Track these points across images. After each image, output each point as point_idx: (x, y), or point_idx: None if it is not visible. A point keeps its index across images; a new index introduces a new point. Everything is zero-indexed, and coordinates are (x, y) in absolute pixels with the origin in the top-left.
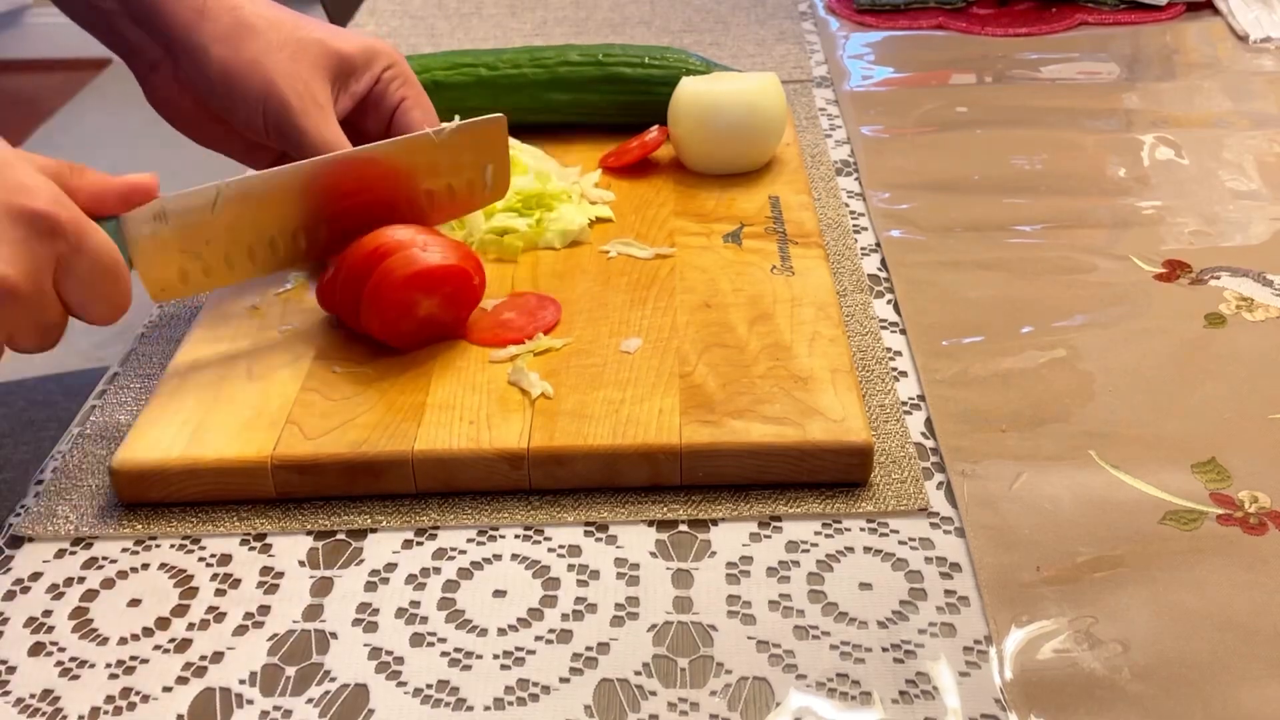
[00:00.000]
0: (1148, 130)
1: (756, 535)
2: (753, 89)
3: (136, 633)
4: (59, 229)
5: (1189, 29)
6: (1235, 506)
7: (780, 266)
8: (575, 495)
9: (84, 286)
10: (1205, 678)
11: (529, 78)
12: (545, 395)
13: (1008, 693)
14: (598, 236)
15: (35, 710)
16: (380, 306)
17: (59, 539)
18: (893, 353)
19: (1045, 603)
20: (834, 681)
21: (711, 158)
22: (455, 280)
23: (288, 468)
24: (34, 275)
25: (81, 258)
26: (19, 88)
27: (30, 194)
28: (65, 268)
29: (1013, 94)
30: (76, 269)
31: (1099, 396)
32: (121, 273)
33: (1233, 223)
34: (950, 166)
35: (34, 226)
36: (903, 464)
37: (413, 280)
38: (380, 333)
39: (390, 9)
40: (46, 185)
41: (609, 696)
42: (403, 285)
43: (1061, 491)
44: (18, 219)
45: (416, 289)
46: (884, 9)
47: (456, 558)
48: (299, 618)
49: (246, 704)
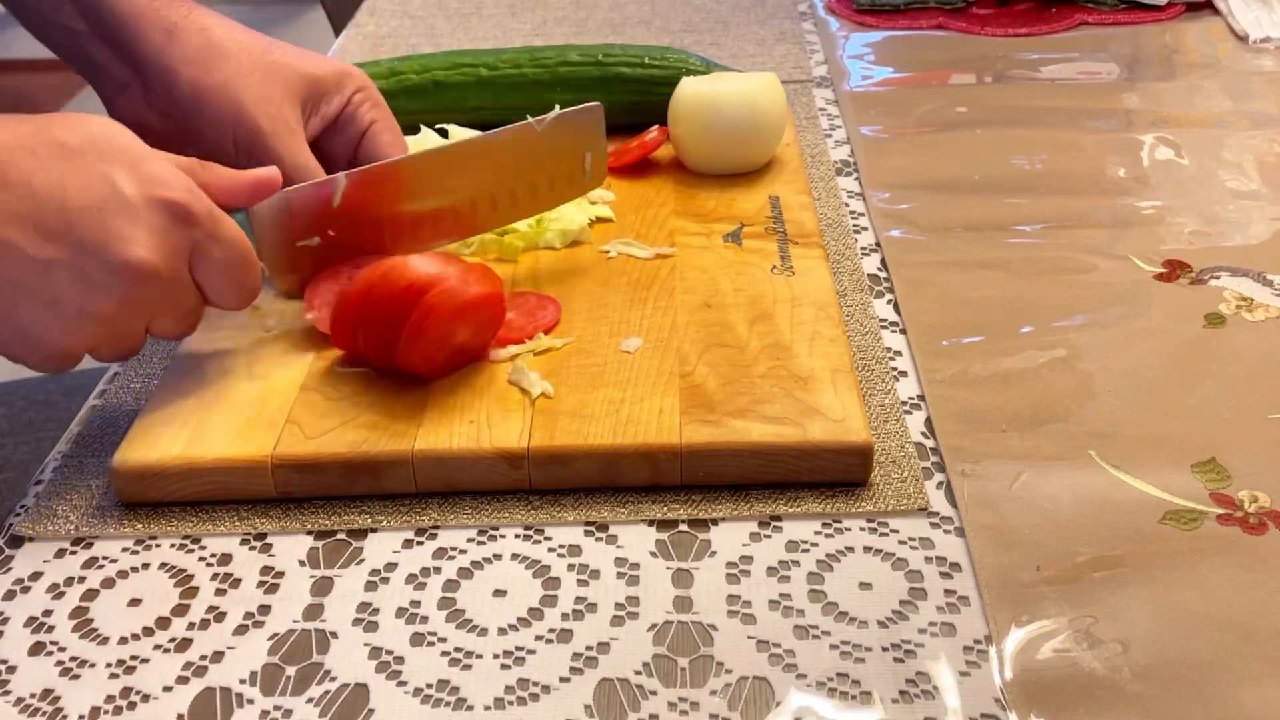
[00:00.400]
0: (1148, 130)
1: (756, 535)
2: (753, 89)
3: (137, 632)
4: (194, 218)
5: (1189, 29)
6: (1235, 506)
7: (780, 266)
8: (575, 495)
9: (218, 273)
10: (1205, 678)
11: (529, 78)
12: (545, 395)
13: (1008, 692)
14: (598, 236)
15: (35, 710)
16: (424, 342)
17: (59, 539)
18: (893, 353)
19: (1045, 602)
20: (834, 681)
21: (711, 158)
22: (491, 307)
23: (288, 467)
24: (172, 260)
25: (216, 245)
26: (19, 88)
27: (167, 185)
28: (201, 255)
29: (1013, 94)
30: (211, 256)
31: (1099, 396)
32: (253, 260)
33: (1233, 223)
34: (950, 166)
35: (172, 214)
36: (903, 464)
37: (460, 313)
38: (421, 367)
39: (390, 9)
40: (181, 177)
41: (609, 696)
42: (450, 318)
43: (1061, 491)
44: (157, 207)
45: (461, 320)
46: (884, 9)
47: (456, 557)
48: (299, 617)
49: (247, 704)
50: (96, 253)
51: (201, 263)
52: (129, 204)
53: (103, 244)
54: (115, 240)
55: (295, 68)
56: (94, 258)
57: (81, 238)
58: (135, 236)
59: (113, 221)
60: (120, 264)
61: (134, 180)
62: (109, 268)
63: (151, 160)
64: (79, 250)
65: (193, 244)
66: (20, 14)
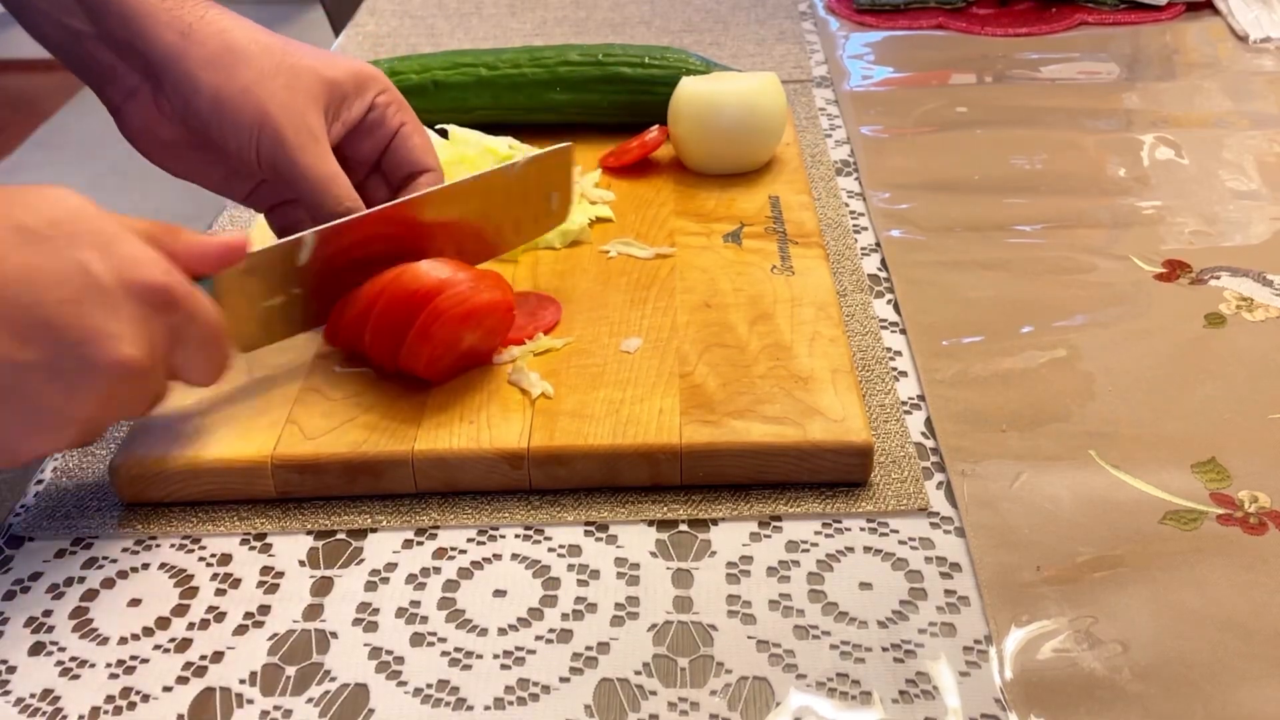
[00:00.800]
0: (1148, 130)
1: (756, 535)
2: (753, 89)
3: (136, 632)
4: (175, 302)
5: (1189, 29)
6: (1235, 506)
7: (780, 266)
8: (575, 495)
9: (193, 353)
10: (1205, 678)
11: (529, 77)
12: (545, 395)
13: (1008, 692)
14: (598, 236)
15: (35, 710)
16: (430, 345)
17: (59, 539)
18: (893, 353)
19: (1045, 602)
20: (834, 681)
21: (711, 157)
22: (499, 313)
23: (288, 467)
24: (153, 351)
25: (193, 325)
26: (19, 88)
27: (144, 267)
28: (179, 337)
29: (1013, 94)
30: (188, 337)
31: (1099, 396)
32: (225, 334)
33: (1233, 223)
34: (950, 166)
35: (153, 301)
36: (903, 464)
37: (467, 318)
38: (425, 371)
39: (390, 9)
40: (155, 255)
41: (609, 696)
42: (457, 323)
43: (1061, 491)
44: (136, 294)
45: (467, 326)
46: (884, 9)
47: (456, 557)
48: (299, 617)
49: (246, 704)
50: (77, 351)
51: (178, 345)
52: (107, 293)
53: (84, 341)
54: (98, 337)
55: (317, 71)
56: (74, 357)
57: (60, 336)
58: (119, 331)
59: (92, 316)
60: (106, 364)
61: (109, 265)
62: (92, 367)
63: (123, 239)
64: (57, 350)
65: (172, 328)
66: (18, 12)
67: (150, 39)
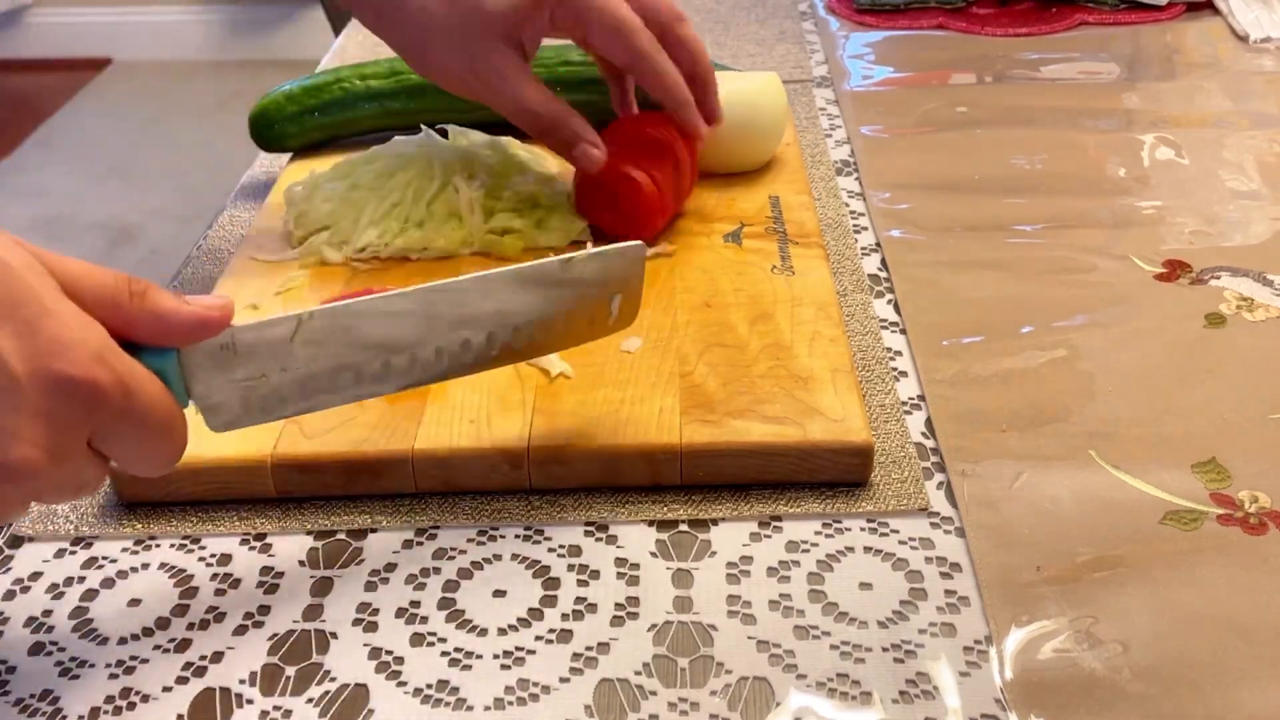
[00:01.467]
0: (1148, 130)
1: (756, 535)
2: (753, 89)
3: (136, 633)
4: (99, 396)
5: (1189, 29)
6: (1235, 506)
7: (780, 266)
8: (575, 495)
9: (129, 446)
10: (1205, 678)
11: None
12: (565, 375)
13: (1008, 693)
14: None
15: (35, 710)
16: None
17: (59, 539)
18: (893, 353)
19: (1045, 603)
20: (834, 681)
21: (712, 157)
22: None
23: (288, 467)
24: (62, 449)
25: (126, 421)
26: (19, 88)
27: (65, 354)
28: (108, 433)
29: (1013, 94)
30: (120, 433)
31: (1099, 396)
32: (176, 426)
33: (1233, 223)
34: (950, 166)
35: (69, 395)
36: (903, 464)
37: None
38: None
39: None
40: (87, 337)
41: (609, 696)
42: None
43: (1061, 491)
44: (49, 387)
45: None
46: (884, 9)
47: (456, 558)
48: (299, 617)
49: (246, 704)
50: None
51: (108, 439)
52: (13, 384)
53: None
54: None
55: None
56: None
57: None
58: (14, 428)
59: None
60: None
61: (24, 349)
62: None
63: (51, 317)
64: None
65: (95, 425)
66: None
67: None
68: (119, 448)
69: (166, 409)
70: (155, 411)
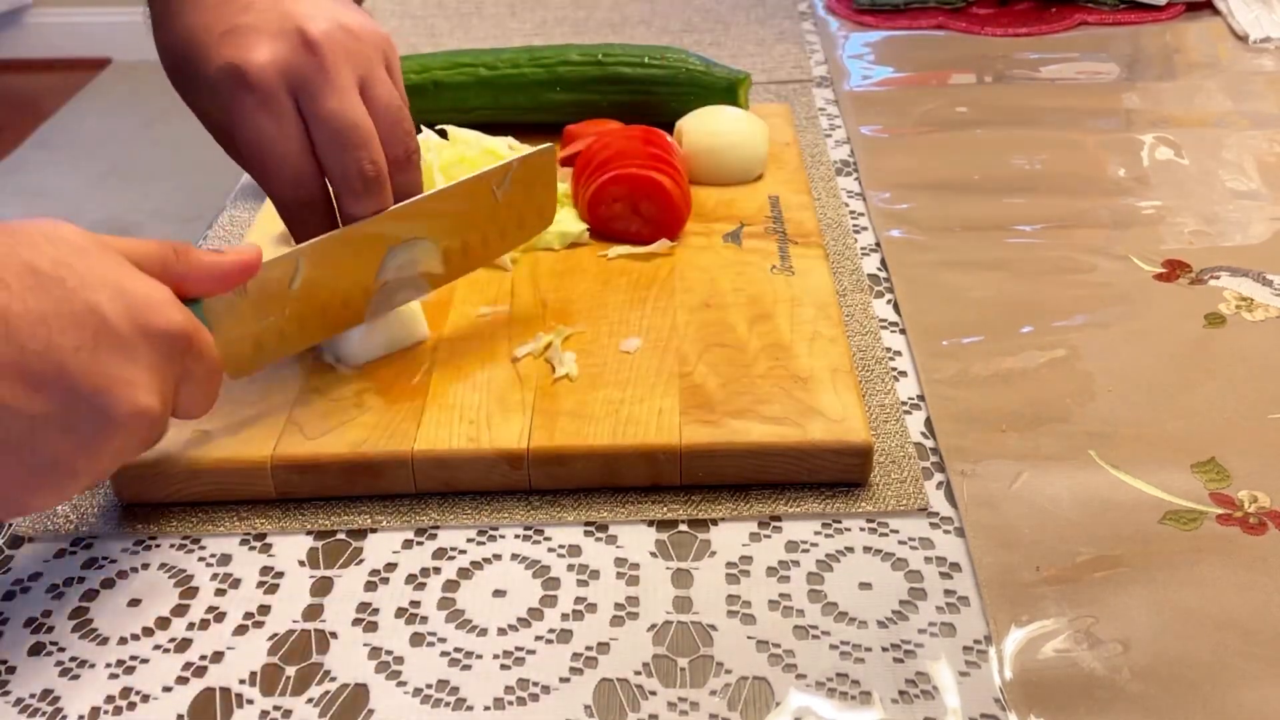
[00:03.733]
0: (1148, 130)
1: (756, 535)
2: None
3: (136, 633)
4: (183, 343)
5: (1189, 29)
6: (1235, 506)
7: (780, 266)
8: (575, 495)
9: (195, 390)
10: (1205, 678)
11: (529, 77)
12: (569, 377)
13: (1008, 692)
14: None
15: (35, 710)
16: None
17: (59, 539)
18: (893, 353)
19: (1045, 602)
20: (834, 681)
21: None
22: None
23: (288, 468)
24: (166, 395)
25: (201, 363)
26: (19, 88)
27: (159, 310)
28: (185, 377)
29: (1013, 94)
30: (194, 373)
31: (1099, 396)
32: (221, 367)
33: (1232, 223)
34: (950, 166)
35: (169, 344)
36: (903, 464)
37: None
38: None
39: (390, 9)
40: (167, 295)
41: (609, 696)
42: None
43: (1061, 491)
44: (154, 340)
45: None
46: (884, 9)
47: (456, 558)
48: (299, 617)
49: (246, 704)
50: (92, 401)
51: (186, 382)
52: (122, 339)
53: (100, 391)
54: (115, 385)
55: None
56: (90, 407)
57: (74, 384)
58: (135, 379)
59: (108, 363)
60: (123, 414)
61: (122, 308)
62: (107, 419)
63: (135, 279)
64: (71, 399)
65: (182, 369)
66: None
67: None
68: (188, 389)
69: (216, 352)
70: (215, 359)
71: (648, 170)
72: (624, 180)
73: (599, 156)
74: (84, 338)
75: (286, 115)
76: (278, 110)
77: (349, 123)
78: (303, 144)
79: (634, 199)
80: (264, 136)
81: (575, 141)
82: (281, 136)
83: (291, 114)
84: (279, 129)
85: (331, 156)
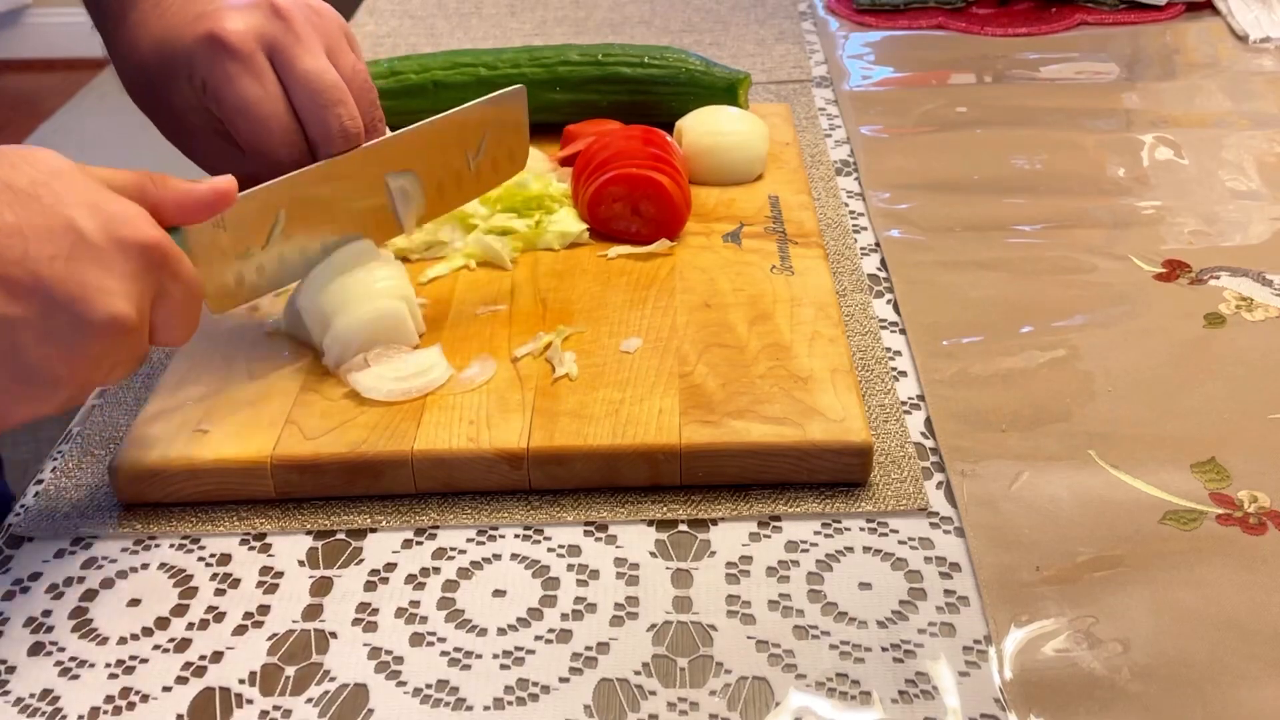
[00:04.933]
0: (1148, 130)
1: (756, 535)
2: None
3: (136, 633)
4: (164, 259)
5: (1189, 29)
6: (1235, 506)
7: (780, 266)
8: (575, 495)
9: (174, 313)
10: (1205, 678)
11: (529, 77)
12: (569, 377)
13: (1007, 692)
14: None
15: (35, 710)
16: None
17: (59, 539)
18: (892, 353)
19: (1045, 602)
20: (834, 681)
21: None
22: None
23: (288, 468)
24: (143, 307)
25: (176, 284)
26: (19, 88)
27: (133, 224)
28: (162, 296)
29: (1013, 94)
30: (171, 296)
31: (1099, 396)
32: (202, 294)
33: (1232, 223)
34: (950, 166)
35: (142, 258)
36: (902, 464)
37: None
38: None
39: (390, 9)
40: (142, 211)
41: (609, 696)
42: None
43: (1061, 491)
44: (128, 251)
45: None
46: (884, 9)
47: (456, 558)
48: (299, 617)
49: (246, 704)
50: (69, 308)
51: (160, 303)
52: (98, 250)
53: (76, 299)
54: (90, 293)
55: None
56: (67, 314)
57: (51, 291)
58: (110, 287)
59: (84, 272)
60: (99, 320)
61: (98, 222)
62: (84, 325)
63: (111, 198)
64: (49, 306)
65: (158, 283)
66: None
67: None
68: (166, 309)
69: (199, 279)
70: (194, 279)
71: (648, 170)
72: (624, 180)
73: (599, 156)
74: (60, 248)
75: (267, 76)
76: (258, 71)
77: (327, 81)
78: (287, 104)
79: (634, 199)
80: (250, 98)
81: (575, 141)
82: (267, 97)
83: (272, 75)
84: (263, 89)
85: (312, 114)
